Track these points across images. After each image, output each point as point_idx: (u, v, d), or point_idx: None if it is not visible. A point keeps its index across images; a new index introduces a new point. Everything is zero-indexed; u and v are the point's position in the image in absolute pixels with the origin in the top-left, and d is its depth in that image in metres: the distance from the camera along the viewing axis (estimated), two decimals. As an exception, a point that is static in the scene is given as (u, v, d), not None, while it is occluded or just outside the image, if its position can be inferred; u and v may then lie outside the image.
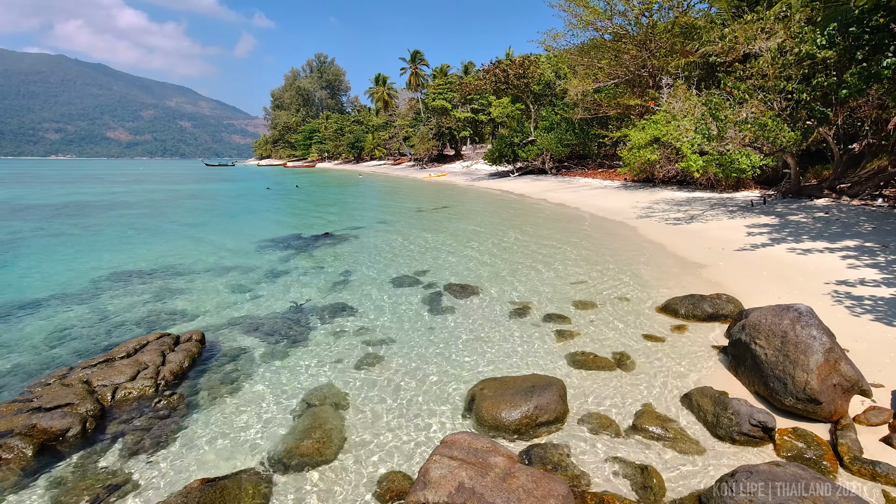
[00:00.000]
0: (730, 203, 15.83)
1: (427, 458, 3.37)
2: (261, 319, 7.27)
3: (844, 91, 10.47)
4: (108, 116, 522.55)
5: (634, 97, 24.68)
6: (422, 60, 75.02)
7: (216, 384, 5.30)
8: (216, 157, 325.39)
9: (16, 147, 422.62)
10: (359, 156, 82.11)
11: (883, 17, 9.96)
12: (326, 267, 10.55)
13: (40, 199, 27.39)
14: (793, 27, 13.09)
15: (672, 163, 20.31)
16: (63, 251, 12.64)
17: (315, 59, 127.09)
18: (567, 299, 7.78)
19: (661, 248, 11.04)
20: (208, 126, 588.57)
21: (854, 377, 4.08)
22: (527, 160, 34.76)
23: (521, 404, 4.25)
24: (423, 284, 8.95)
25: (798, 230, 11.04)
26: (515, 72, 36.61)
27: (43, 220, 18.72)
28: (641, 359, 5.52)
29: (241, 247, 13.05)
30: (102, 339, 6.67)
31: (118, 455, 4.08)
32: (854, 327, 5.67)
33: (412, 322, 7.06)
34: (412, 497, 3.03)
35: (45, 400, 4.55)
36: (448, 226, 16.15)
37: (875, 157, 14.57)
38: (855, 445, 3.63)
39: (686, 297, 6.94)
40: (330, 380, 5.34)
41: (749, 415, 3.92)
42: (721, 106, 12.94)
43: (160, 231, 16.03)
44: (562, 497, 2.96)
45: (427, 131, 54.98)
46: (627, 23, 24.19)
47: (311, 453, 3.93)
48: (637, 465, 3.68)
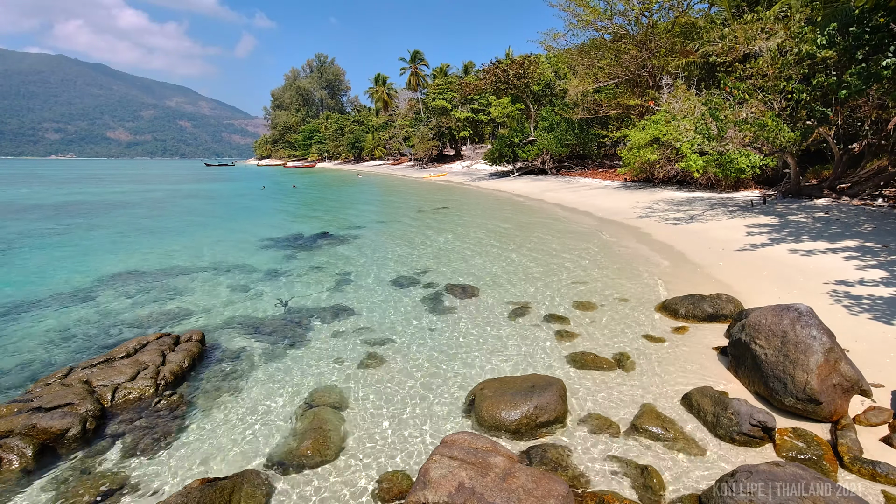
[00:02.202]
0: (730, 203, 15.83)
1: (427, 458, 3.37)
2: (261, 319, 7.27)
3: (844, 91, 10.47)
4: (108, 116, 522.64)
5: (634, 97, 24.67)
6: (422, 60, 75.01)
7: (216, 384, 5.30)
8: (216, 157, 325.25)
9: (16, 147, 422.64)
10: (359, 156, 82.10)
11: (883, 17, 9.95)
12: (326, 267, 10.54)
13: (40, 199, 27.39)
14: (793, 27, 13.08)
15: (672, 163, 20.30)
16: (63, 251, 12.64)
17: (315, 59, 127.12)
18: (567, 299, 7.78)
19: (661, 248, 11.03)
20: (208, 126, 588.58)
21: (854, 377, 4.08)
22: (527, 160, 34.75)
23: (521, 404, 4.25)
24: (423, 285, 8.94)
25: (798, 230, 11.04)
26: (515, 72, 36.61)
27: (43, 220, 18.72)
28: (641, 359, 5.52)
29: (241, 247, 13.05)
30: (102, 339, 6.67)
31: (118, 455, 4.08)
32: (854, 327, 5.67)
33: (412, 322, 7.06)
34: (412, 497, 3.03)
35: (46, 400, 4.55)
36: (448, 226, 16.15)
37: (875, 157, 14.57)
38: (855, 445, 3.63)
39: (686, 298, 6.94)
40: (330, 380, 5.34)
41: (749, 415, 3.92)
42: (721, 106, 12.93)
43: (160, 231, 16.03)
44: (562, 497, 2.96)
45: (427, 131, 54.98)
46: (627, 23, 24.19)
47: (311, 453, 3.93)
48: (637, 465, 3.68)
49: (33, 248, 12.97)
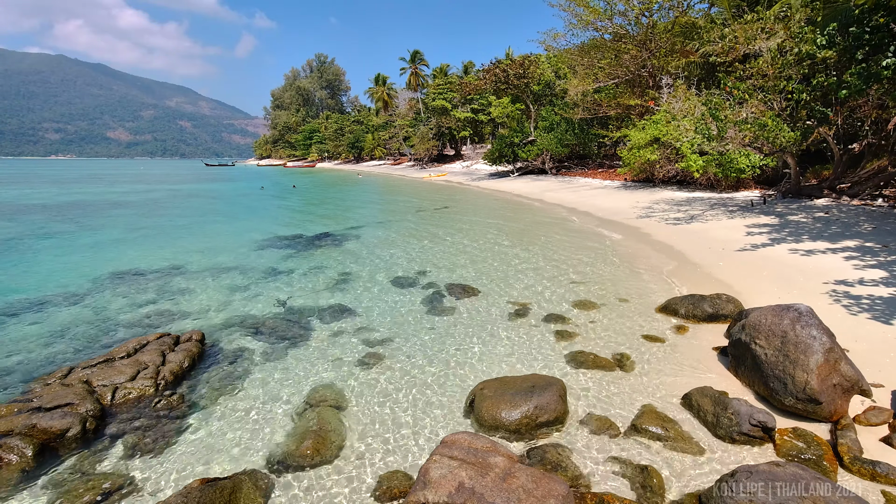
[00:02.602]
0: (730, 203, 15.83)
1: (427, 458, 3.37)
2: (261, 319, 7.27)
3: (844, 91, 10.47)
4: (108, 116, 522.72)
5: (634, 97, 24.68)
6: (422, 60, 75.00)
7: (216, 384, 5.30)
8: (216, 157, 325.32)
9: (16, 147, 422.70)
10: (359, 156, 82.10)
11: (883, 17, 9.95)
12: (326, 267, 10.54)
13: (41, 199, 27.38)
14: (793, 27, 13.08)
15: (672, 163, 20.30)
16: (63, 251, 12.64)
17: (315, 59, 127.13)
18: (567, 299, 7.78)
19: (661, 249, 11.04)
20: (208, 126, 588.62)
21: (854, 377, 4.08)
22: (527, 160, 34.75)
23: (521, 404, 4.25)
24: (423, 284, 8.94)
25: (798, 230, 11.04)
26: (515, 72, 36.60)
27: (43, 219, 18.72)
28: (641, 359, 5.52)
29: (241, 246, 13.05)
30: (102, 339, 6.67)
31: (118, 455, 4.08)
32: (854, 327, 5.67)
33: (412, 322, 7.06)
34: (412, 497, 3.02)
35: (46, 400, 4.55)
36: (448, 226, 16.15)
37: (875, 157, 14.57)
38: (855, 445, 3.63)
39: (686, 298, 6.94)
40: (330, 380, 5.34)
41: (749, 415, 3.92)
42: (721, 106, 12.93)
43: (160, 231, 16.03)
44: (562, 497, 2.96)
45: (427, 131, 54.98)
46: (627, 23, 24.20)
47: (311, 453, 3.93)
48: (637, 465, 3.68)
49: (33, 248, 12.97)
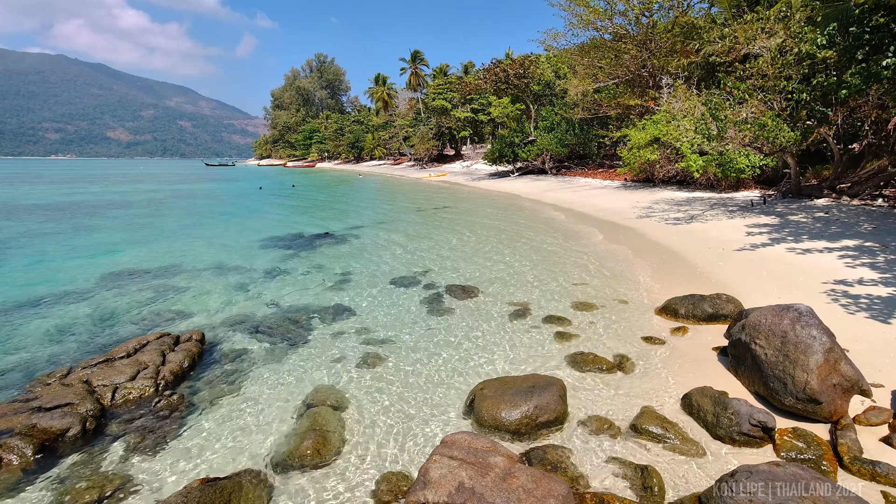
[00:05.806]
0: (730, 203, 15.83)
1: (427, 458, 3.37)
2: (261, 319, 7.27)
3: (844, 91, 10.46)
4: (108, 116, 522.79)
5: (634, 97, 24.67)
6: (422, 60, 74.98)
7: (216, 384, 5.30)
8: (216, 157, 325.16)
9: (16, 147, 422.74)
10: (359, 156, 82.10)
11: (883, 17, 9.95)
12: (326, 267, 10.54)
13: (41, 199, 27.38)
14: (793, 27, 13.07)
15: (672, 163, 20.30)
16: (63, 251, 12.64)
17: (315, 58, 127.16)
18: (567, 300, 7.78)
19: (661, 249, 11.03)
20: (208, 126, 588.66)
21: (854, 377, 4.08)
22: (527, 160, 34.74)
23: (521, 404, 4.25)
24: (423, 285, 8.94)
25: (798, 230, 11.04)
26: (515, 71, 36.60)
27: (43, 219, 18.71)
28: (641, 359, 5.52)
29: (241, 246, 13.05)
30: (102, 339, 6.67)
31: (118, 455, 4.08)
32: (854, 327, 5.67)
33: (412, 322, 7.06)
34: (412, 497, 3.02)
35: (45, 400, 4.55)
36: (448, 226, 16.15)
37: (875, 157, 14.56)
38: (855, 445, 3.63)
39: (686, 298, 6.93)
40: (330, 380, 5.34)
41: (749, 415, 3.91)
42: (721, 106, 12.93)
43: (160, 230, 16.03)
44: (562, 497, 2.96)
45: (427, 131, 54.98)
46: (627, 22, 24.19)
47: (310, 453, 3.93)
48: (637, 466, 3.68)
49: (34, 248, 12.97)
